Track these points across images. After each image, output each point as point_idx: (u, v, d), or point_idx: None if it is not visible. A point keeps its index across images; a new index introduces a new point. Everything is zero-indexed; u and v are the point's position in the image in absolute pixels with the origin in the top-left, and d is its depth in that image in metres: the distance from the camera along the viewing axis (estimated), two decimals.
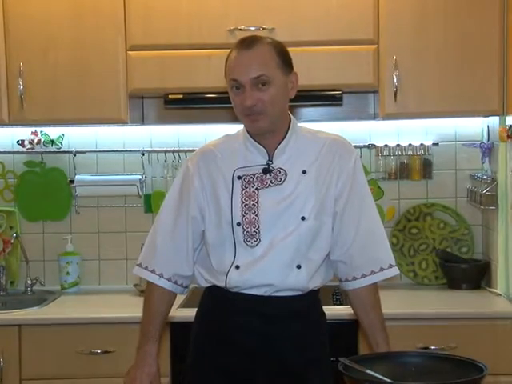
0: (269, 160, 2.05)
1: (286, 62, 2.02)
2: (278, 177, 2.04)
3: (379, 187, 3.33)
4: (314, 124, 3.04)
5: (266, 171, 2.04)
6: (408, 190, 3.36)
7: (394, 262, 2.11)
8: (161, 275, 2.11)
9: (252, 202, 2.02)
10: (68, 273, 3.30)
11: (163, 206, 2.15)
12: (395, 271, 2.11)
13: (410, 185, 3.35)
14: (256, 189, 2.03)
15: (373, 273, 2.08)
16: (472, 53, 2.98)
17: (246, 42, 2.00)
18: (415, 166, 3.32)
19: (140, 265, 2.15)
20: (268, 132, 2.03)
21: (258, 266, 2.01)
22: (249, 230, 2.01)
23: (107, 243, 3.39)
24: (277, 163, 2.05)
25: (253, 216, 2.01)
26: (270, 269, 2.01)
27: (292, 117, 2.10)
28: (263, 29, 2.93)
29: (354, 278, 2.09)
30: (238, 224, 2.01)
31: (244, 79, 1.96)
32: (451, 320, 2.81)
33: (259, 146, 2.06)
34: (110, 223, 3.39)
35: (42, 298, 3.17)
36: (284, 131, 2.07)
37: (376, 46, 2.99)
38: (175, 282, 2.12)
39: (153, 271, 2.12)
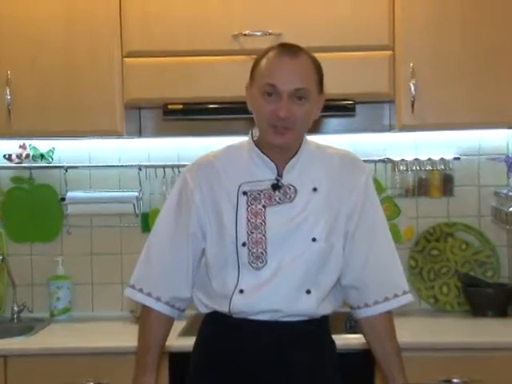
0: (278, 175, 2.06)
1: (321, 81, 2.07)
2: (288, 194, 2.05)
3: (395, 205, 3.32)
4: (325, 137, 3.05)
5: (276, 187, 2.05)
6: (427, 208, 3.36)
7: (407, 288, 2.14)
8: (158, 299, 2.10)
9: (258, 221, 2.02)
10: (58, 298, 3.30)
11: (159, 219, 2.15)
12: (410, 298, 2.13)
13: (429, 202, 3.35)
14: (263, 206, 2.03)
15: (386, 299, 2.10)
16: (495, 59, 2.98)
17: (290, 50, 2.02)
18: (435, 181, 3.32)
19: (133, 286, 2.14)
20: (287, 147, 2.05)
21: (265, 289, 2.01)
22: (255, 250, 2.02)
23: (101, 266, 3.40)
24: (286, 179, 2.06)
25: (259, 236, 2.01)
26: (278, 293, 2.01)
27: None
28: (270, 34, 2.94)
29: (366, 305, 2.10)
30: (244, 244, 2.01)
31: (285, 88, 1.97)
32: (475, 350, 2.79)
33: (268, 160, 2.07)
34: (104, 244, 3.39)
35: (29, 326, 3.16)
36: (296, 147, 2.08)
37: (391, 52, 3.00)
38: (173, 306, 2.12)
39: (149, 294, 2.11)
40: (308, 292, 2.04)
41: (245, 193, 2.04)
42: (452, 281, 3.32)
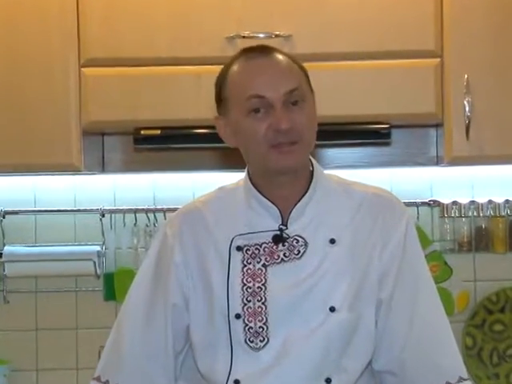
0: (282, 224, 2.06)
1: (309, 79, 2.08)
2: (296, 248, 2.04)
3: (445, 263, 3.32)
4: (350, 171, 3.05)
5: (279, 240, 2.04)
6: (488, 267, 3.37)
7: (465, 374, 2.11)
8: None
9: (257, 285, 2.02)
10: None
11: (132, 287, 2.16)
12: None
13: (490, 260, 3.36)
14: (263, 265, 2.03)
15: None
16: None
17: (261, 50, 2.05)
18: (498, 232, 3.33)
19: (98, 379, 2.14)
20: (295, 172, 2.04)
21: (267, 379, 1.99)
22: (252, 325, 2.01)
23: (49, 346, 3.39)
24: (293, 229, 2.06)
25: (258, 305, 2.01)
26: None
27: (315, 162, 2.12)
28: (276, 36, 2.97)
29: None
30: (238, 316, 2.01)
31: (274, 95, 1.98)
32: None
33: (269, 203, 2.07)
34: (53, 316, 3.39)
35: None
36: (305, 182, 2.09)
37: (439, 59, 3.02)
38: None
39: None
40: (328, 381, 2.02)
41: (239, 248, 2.05)
42: None
